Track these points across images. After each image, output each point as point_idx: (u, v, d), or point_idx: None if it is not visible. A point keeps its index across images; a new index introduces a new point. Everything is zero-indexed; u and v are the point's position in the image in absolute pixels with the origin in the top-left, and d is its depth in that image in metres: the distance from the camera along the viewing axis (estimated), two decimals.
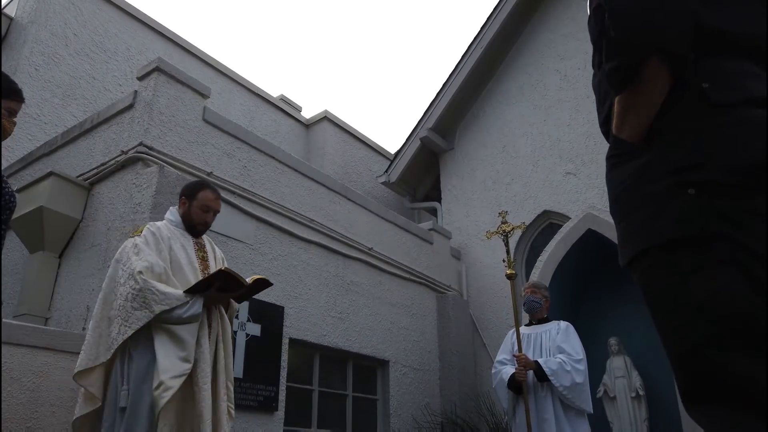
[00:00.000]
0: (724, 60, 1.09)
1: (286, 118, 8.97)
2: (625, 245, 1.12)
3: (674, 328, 1.02)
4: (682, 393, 1.01)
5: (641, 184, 1.09)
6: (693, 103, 1.06)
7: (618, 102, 1.13)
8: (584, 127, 6.30)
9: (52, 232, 3.87)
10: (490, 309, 6.36)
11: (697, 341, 0.96)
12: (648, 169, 1.08)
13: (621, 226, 1.14)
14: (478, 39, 7.25)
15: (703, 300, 0.97)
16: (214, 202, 2.92)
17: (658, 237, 1.04)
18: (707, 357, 0.95)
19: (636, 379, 5.19)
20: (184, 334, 2.58)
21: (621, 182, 1.13)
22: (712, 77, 1.06)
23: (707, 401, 0.96)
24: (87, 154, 4.20)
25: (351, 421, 4.95)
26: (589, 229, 5.58)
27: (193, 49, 7.78)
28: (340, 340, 4.82)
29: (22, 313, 3.69)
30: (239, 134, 4.46)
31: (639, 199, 1.09)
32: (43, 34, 6.09)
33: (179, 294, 2.60)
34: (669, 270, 1.03)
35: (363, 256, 5.31)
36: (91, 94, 6.40)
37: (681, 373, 1.00)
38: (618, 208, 1.15)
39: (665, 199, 1.04)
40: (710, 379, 0.94)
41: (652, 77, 1.06)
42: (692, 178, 1.01)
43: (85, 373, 2.66)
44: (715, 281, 0.96)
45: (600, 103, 1.27)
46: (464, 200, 7.12)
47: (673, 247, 1.02)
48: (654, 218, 1.05)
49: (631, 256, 1.10)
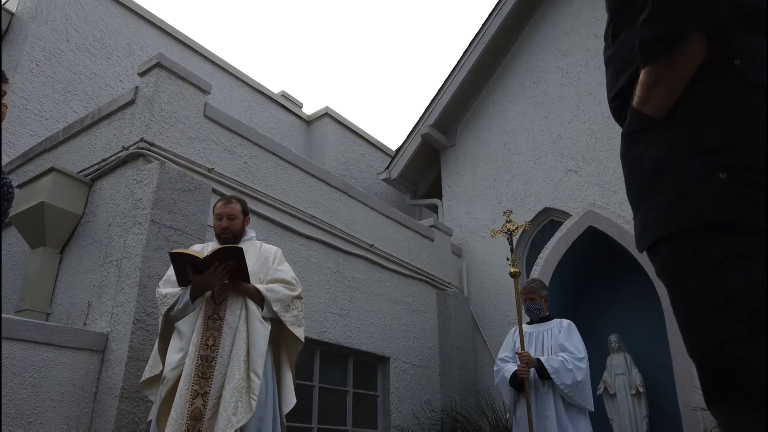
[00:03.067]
0: (758, 37, 1.02)
1: (287, 115, 8.96)
2: (645, 230, 1.04)
3: (698, 322, 0.95)
4: (703, 388, 0.95)
5: (667, 164, 1.01)
6: (725, 81, 1.00)
7: (645, 73, 1.05)
8: (586, 124, 6.29)
9: (53, 228, 3.87)
10: (490, 306, 6.37)
11: (722, 338, 0.90)
12: (675, 149, 1.01)
13: (642, 209, 1.06)
14: (479, 36, 7.24)
15: (730, 294, 0.90)
16: (221, 207, 3.07)
17: (683, 222, 0.97)
18: (732, 355, 0.89)
19: (636, 376, 5.20)
20: (183, 326, 2.78)
21: (642, 162, 1.06)
22: (745, 54, 1.00)
23: (730, 399, 0.90)
24: (88, 149, 4.20)
25: (351, 417, 4.96)
26: (590, 227, 5.58)
27: (194, 44, 7.77)
28: (341, 337, 4.82)
29: (23, 308, 3.70)
30: (240, 130, 4.46)
31: (664, 180, 1.01)
32: (44, 29, 6.08)
33: (176, 291, 2.80)
34: (694, 259, 0.95)
35: (364, 253, 5.31)
36: (92, 90, 6.39)
37: (703, 369, 0.95)
38: (638, 190, 1.07)
39: (693, 182, 0.96)
40: (734, 377, 0.89)
41: (688, 50, 0.99)
42: (724, 159, 0.94)
43: (147, 382, 2.93)
44: (743, 275, 0.89)
45: (615, 75, 1.18)
46: (465, 197, 7.12)
47: (700, 235, 0.95)
48: (680, 202, 0.97)
49: (652, 241, 1.02)
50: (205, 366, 2.65)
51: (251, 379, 2.64)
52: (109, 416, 3.09)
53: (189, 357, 2.67)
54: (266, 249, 3.12)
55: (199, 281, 2.75)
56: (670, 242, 0.99)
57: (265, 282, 2.95)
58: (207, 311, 2.79)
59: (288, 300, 2.92)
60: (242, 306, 2.80)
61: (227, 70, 8.13)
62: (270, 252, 3.10)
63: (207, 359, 2.67)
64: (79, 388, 3.16)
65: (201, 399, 2.59)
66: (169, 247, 3.52)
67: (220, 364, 2.66)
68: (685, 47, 1.00)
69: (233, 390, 2.59)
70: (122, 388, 3.11)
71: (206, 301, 2.82)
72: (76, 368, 3.17)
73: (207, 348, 2.70)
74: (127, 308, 3.30)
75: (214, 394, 2.60)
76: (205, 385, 2.62)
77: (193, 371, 2.64)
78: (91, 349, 3.25)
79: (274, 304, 2.84)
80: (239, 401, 2.57)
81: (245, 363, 2.66)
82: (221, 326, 2.73)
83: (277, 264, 3.06)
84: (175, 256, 2.76)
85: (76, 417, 3.11)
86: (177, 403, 2.57)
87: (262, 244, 3.18)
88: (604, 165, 5.98)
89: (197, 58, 7.73)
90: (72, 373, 3.14)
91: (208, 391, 2.61)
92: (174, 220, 3.61)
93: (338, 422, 4.85)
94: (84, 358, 3.21)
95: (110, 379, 3.19)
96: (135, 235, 3.49)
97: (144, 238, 3.43)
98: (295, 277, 3.06)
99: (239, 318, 2.76)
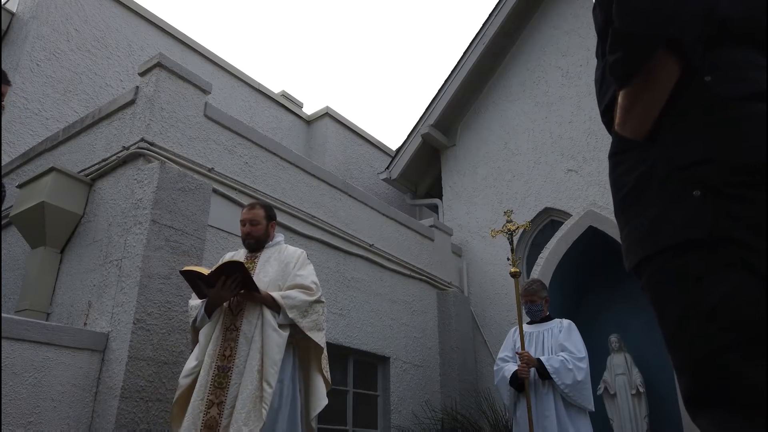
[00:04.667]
0: (728, 50, 1.02)
1: (288, 114, 8.96)
2: (630, 250, 1.06)
3: (683, 336, 0.96)
4: (686, 397, 0.95)
5: (646, 184, 1.02)
6: (697, 97, 1.00)
7: (622, 96, 1.06)
8: (586, 124, 6.29)
9: (53, 228, 3.87)
10: (490, 306, 6.37)
11: (708, 349, 0.91)
12: (653, 168, 1.01)
13: (626, 229, 1.08)
14: (479, 35, 7.24)
15: (714, 306, 0.91)
16: (245, 213, 3.14)
17: (663, 242, 0.98)
18: (720, 365, 0.89)
19: (636, 376, 5.20)
20: (201, 336, 2.88)
21: (625, 183, 1.07)
22: (715, 69, 1.01)
23: (716, 406, 0.90)
24: (88, 149, 4.20)
25: (351, 417, 4.96)
26: (591, 227, 5.58)
27: (195, 44, 7.77)
28: (341, 337, 4.82)
29: (24, 308, 3.70)
30: (240, 130, 4.46)
31: (644, 200, 1.03)
32: (45, 29, 6.09)
33: (198, 303, 2.93)
34: (677, 275, 0.97)
35: (364, 253, 5.31)
36: (92, 90, 6.40)
37: (689, 379, 0.95)
38: (622, 210, 1.09)
39: (671, 201, 0.98)
40: (722, 386, 0.89)
41: (659, 70, 1.00)
42: (698, 175, 0.95)
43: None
44: (724, 286, 0.90)
45: (602, 92, 1.20)
46: (465, 197, 7.12)
47: (680, 252, 0.96)
48: (659, 222, 0.99)
49: (636, 262, 1.04)
50: (222, 376, 2.70)
51: (264, 389, 2.64)
52: (109, 416, 3.09)
53: (204, 368, 2.72)
54: (289, 254, 3.08)
55: (212, 295, 2.80)
56: (652, 262, 1.01)
57: (285, 288, 2.94)
58: (225, 322, 2.84)
59: (305, 306, 2.89)
60: (259, 316, 2.81)
61: (227, 70, 8.13)
62: (292, 256, 3.07)
63: (223, 369, 2.71)
64: (80, 388, 3.16)
65: (217, 408, 2.64)
66: (170, 247, 3.52)
67: (236, 374, 2.68)
68: (655, 68, 1.00)
69: (245, 400, 2.60)
70: (122, 388, 3.11)
71: (224, 313, 2.86)
72: (76, 368, 3.17)
73: (224, 359, 2.73)
74: (128, 308, 3.30)
75: (229, 404, 2.62)
76: (221, 395, 2.65)
77: (209, 381, 2.68)
78: (92, 349, 3.25)
79: (290, 311, 2.83)
80: (251, 411, 2.58)
81: (259, 373, 2.68)
82: (237, 336, 2.76)
83: (297, 268, 3.02)
84: (185, 273, 2.84)
85: (77, 417, 3.11)
86: (190, 412, 2.62)
87: (287, 247, 3.16)
88: (604, 165, 5.97)
89: (197, 58, 7.73)
90: (72, 373, 3.14)
91: (224, 401, 2.63)
92: (174, 219, 3.61)
93: (338, 422, 4.85)
94: (84, 357, 3.21)
95: (110, 379, 3.19)
96: (135, 235, 3.49)
97: (144, 237, 3.43)
98: (315, 281, 3.02)
99: (255, 328, 2.77)
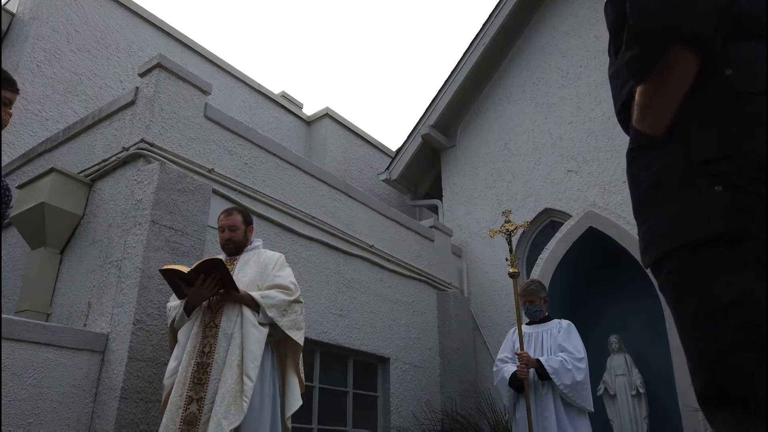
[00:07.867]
0: (747, 44, 1.01)
1: (288, 115, 8.96)
2: (648, 247, 1.05)
3: (697, 335, 0.95)
4: (700, 396, 0.95)
5: (665, 180, 1.02)
6: (717, 91, 0.99)
7: (639, 93, 1.05)
8: (586, 125, 6.29)
9: (53, 228, 3.87)
10: (490, 306, 6.37)
11: (721, 348, 0.90)
12: (672, 164, 1.01)
13: (645, 226, 1.07)
14: (479, 36, 7.24)
15: (728, 304, 0.90)
16: (223, 219, 3.18)
17: (682, 238, 0.97)
18: (732, 365, 0.89)
19: (636, 376, 5.20)
20: (180, 336, 2.90)
21: (643, 179, 1.06)
22: (736, 63, 0.99)
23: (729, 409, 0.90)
24: (88, 150, 4.20)
25: (351, 418, 4.96)
26: (591, 227, 5.58)
27: (195, 45, 7.77)
28: (341, 337, 4.82)
29: (24, 309, 3.70)
30: (240, 131, 4.46)
31: (662, 196, 1.02)
32: (45, 30, 6.09)
33: (177, 304, 2.96)
34: (694, 272, 0.96)
35: (364, 254, 5.31)
36: (92, 91, 6.40)
37: (702, 377, 0.94)
38: (641, 206, 1.08)
39: (690, 197, 0.97)
40: (733, 386, 0.89)
41: (676, 66, 0.99)
42: (719, 171, 0.94)
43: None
44: (740, 284, 0.90)
45: (619, 88, 1.19)
46: (465, 198, 7.12)
47: (698, 249, 0.95)
48: (678, 218, 0.98)
49: (654, 258, 1.03)
50: (201, 372, 2.72)
51: (244, 383, 2.67)
52: (109, 417, 3.09)
53: (183, 365, 2.74)
54: (267, 257, 3.14)
55: (191, 294, 2.85)
56: (671, 258, 1.00)
57: (264, 288, 2.98)
58: (204, 320, 2.87)
59: (284, 305, 2.94)
60: (238, 313, 2.85)
61: (227, 71, 8.13)
62: (271, 259, 3.13)
63: (203, 366, 2.74)
64: (80, 389, 3.16)
65: (196, 404, 2.66)
66: (170, 248, 3.53)
67: (215, 370, 2.71)
68: (672, 63, 0.99)
69: (225, 394, 2.62)
70: (122, 388, 3.11)
71: (203, 310, 2.90)
72: (76, 369, 3.17)
73: (203, 355, 2.76)
74: (128, 309, 3.30)
75: (209, 399, 2.65)
76: (201, 391, 2.67)
77: (189, 378, 2.71)
78: (92, 350, 3.26)
79: (269, 310, 2.88)
80: (231, 405, 2.61)
81: (239, 368, 2.70)
82: (217, 333, 2.79)
83: (276, 270, 3.08)
84: (165, 272, 2.88)
85: (77, 417, 3.11)
86: (168, 409, 2.65)
87: (266, 251, 3.22)
88: (604, 166, 5.98)
89: (197, 58, 7.73)
90: (72, 374, 3.14)
91: (203, 396, 2.66)
92: (174, 220, 3.61)
93: (338, 423, 4.85)
94: (84, 358, 3.22)
95: (110, 380, 3.19)
96: (135, 236, 3.49)
97: (144, 238, 3.43)
98: (293, 282, 3.07)
99: (234, 324, 2.81)
